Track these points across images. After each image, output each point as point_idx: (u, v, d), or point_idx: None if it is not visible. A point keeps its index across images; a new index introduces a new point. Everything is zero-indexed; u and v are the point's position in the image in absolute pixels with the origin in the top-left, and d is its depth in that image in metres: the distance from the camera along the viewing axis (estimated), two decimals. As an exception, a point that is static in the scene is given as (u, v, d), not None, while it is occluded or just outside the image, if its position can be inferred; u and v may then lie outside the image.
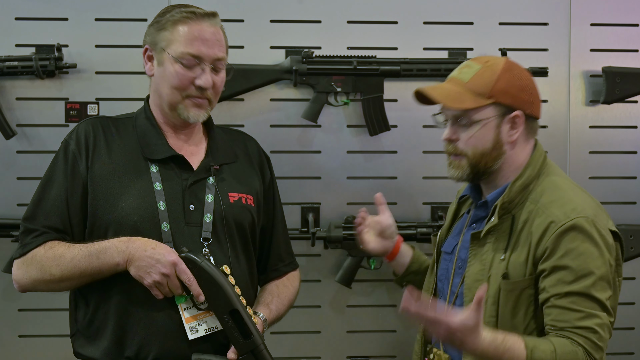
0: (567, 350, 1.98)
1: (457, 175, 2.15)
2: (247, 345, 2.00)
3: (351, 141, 3.06)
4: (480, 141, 2.09)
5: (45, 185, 2.17)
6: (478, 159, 2.10)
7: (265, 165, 2.37)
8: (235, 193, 2.23)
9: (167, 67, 2.14)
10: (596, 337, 1.99)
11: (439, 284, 2.25)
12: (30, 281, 2.13)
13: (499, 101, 2.08)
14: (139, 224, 2.09)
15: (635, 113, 3.14)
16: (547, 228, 2.02)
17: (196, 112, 2.17)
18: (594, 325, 1.99)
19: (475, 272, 2.11)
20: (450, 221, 2.32)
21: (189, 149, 2.24)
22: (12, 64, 2.87)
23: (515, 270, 2.05)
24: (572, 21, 3.09)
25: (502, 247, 2.08)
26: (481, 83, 2.09)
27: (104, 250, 2.05)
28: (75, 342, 2.19)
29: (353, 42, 3.03)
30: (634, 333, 3.15)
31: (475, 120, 2.09)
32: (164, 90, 2.17)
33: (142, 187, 2.13)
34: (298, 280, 2.42)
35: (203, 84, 2.14)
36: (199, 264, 2.01)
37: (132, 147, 2.19)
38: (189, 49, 2.12)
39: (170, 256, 2.02)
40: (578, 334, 1.99)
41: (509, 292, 2.04)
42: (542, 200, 2.07)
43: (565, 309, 1.99)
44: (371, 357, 3.10)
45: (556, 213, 2.03)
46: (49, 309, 2.92)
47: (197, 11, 2.15)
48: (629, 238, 3.03)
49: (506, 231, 2.09)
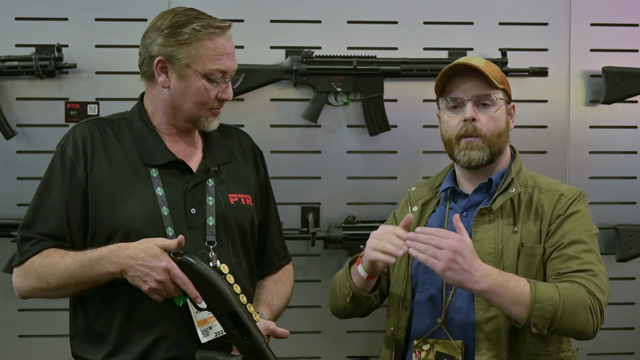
0: (570, 286, 2.06)
1: (479, 157, 2.20)
2: (248, 346, 1.99)
3: (351, 141, 3.06)
4: (499, 122, 2.23)
5: (42, 192, 2.15)
6: (494, 140, 2.22)
7: (258, 160, 2.37)
8: (234, 194, 2.23)
9: (194, 83, 2.13)
10: (597, 279, 2.09)
11: (424, 275, 2.24)
12: (29, 289, 2.12)
13: (505, 89, 2.27)
14: (143, 229, 2.08)
15: (635, 113, 3.14)
16: (559, 200, 2.20)
17: (215, 122, 2.21)
18: (596, 270, 2.10)
19: (485, 246, 2.16)
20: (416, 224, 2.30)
21: (187, 152, 2.23)
22: (12, 64, 2.87)
23: (531, 239, 2.17)
24: (572, 21, 3.09)
25: (510, 222, 2.19)
26: (493, 70, 2.25)
27: (97, 260, 2.02)
28: (75, 345, 2.18)
29: (353, 42, 3.03)
30: (634, 333, 3.15)
31: (496, 99, 2.22)
32: (185, 105, 2.16)
33: (144, 192, 2.12)
34: (292, 274, 2.43)
35: (228, 97, 2.19)
36: (194, 267, 1.98)
37: (130, 151, 2.17)
38: (218, 65, 2.13)
39: (162, 262, 1.97)
40: (579, 276, 2.08)
41: (531, 257, 2.15)
42: (538, 182, 2.25)
43: (567, 257, 2.11)
44: (371, 357, 3.10)
45: (562, 189, 2.23)
46: (49, 309, 2.91)
47: (221, 25, 2.14)
48: (629, 238, 3.03)
49: (510, 208, 2.20)
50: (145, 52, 2.17)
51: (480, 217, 2.20)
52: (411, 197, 2.40)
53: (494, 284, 2.00)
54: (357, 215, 3.03)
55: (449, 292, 2.19)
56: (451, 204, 2.28)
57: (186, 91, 2.14)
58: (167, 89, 2.16)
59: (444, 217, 2.27)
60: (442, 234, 2.02)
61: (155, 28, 2.16)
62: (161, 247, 1.99)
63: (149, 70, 2.17)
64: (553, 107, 3.09)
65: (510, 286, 2.01)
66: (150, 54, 2.15)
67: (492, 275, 2.01)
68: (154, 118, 2.22)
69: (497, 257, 2.14)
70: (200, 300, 1.99)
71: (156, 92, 2.19)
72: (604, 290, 2.09)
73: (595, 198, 3.05)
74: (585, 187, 3.03)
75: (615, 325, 3.10)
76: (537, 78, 3.06)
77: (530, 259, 2.14)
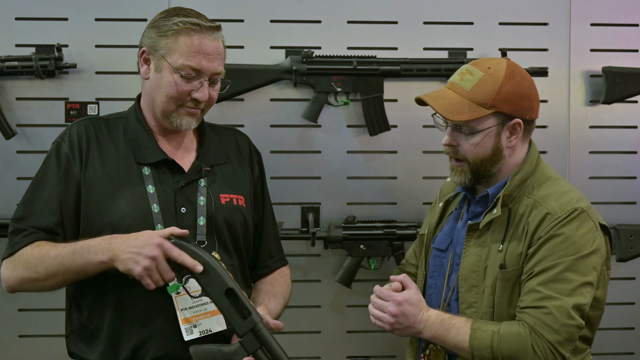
0: (511, 331, 2.03)
1: (460, 181, 2.19)
2: (246, 325, 1.95)
3: (351, 141, 3.06)
4: (481, 149, 2.14)
5: (36, 186, 2.16)
6: (478, 165, 2.15)
7: (254, 161, 2.36)
8: (226, 194, 2.22)
9: (165, 76, 2.13)
10: (549, 318, 2.00)
11: (430, 280, 2.28)
12: (17, 281, 2.10)
13: (500, 110, 2.11)
14: (133, 227, 2.08)
15: (635, 113, 3.14)
16: (544, 219, 2.07)
17: (188, 121, 2.17)
18: (551, 306, 2.01)
19: (471, 263, 2.15)
20: (438, 220, 2.34)
21: (180, 151, 2.23)
22: (12, 64, 2.87)
23: (512, 261, 2.10)
24: (572, 21, 3.09)
25: (499, 239, 2.13)
26: (483, 93, 2.11)
27: (87, 248, 2.02)
28: (70, 343, 2.19)
29: (353, 42, 3.03)
30: (634, 333, 3.15)
31: (476, 130, 2.12)
32: (158, 98, 2.15)
33: (135, 190, 2.13)
34: (289, 277, 2.42)
35: (200, 97, 2.14)
36: (189, 248, 1.96)
37: (124, 149, 2.18)
38: (190, 61, 2.11)
39: (154, 239, 1.96)
40: (529, 314, 2.03)
41: (506, 281, 2.09)
42: (538, 194, 2.13)
43: (528, 289, 2.05)
44: (371, 357, 3.10)
45: (553, 205, 2.09)
46: (48, 309, 2.92)
47: (202, 23, 2.12)
48: (629, 238, 3.03)
49: (503, 224, 2.13)
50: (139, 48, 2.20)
51: (471, 232, 2.17)
52: (442, 191, 2.40)
53: (435, 334, 2.12)
54: (357, 215, 3.03)
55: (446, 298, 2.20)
56: (465, 208, 2.27)
57: (160, 83, 2.14)
58: (147, 80, 2.18)
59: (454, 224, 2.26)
60: (384, 295, 2.16)
61: (149, 23, 2.19)
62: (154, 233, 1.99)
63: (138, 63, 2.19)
64: (553, 107, 3.09)
65: (450, 335, 2.09)
66: (140, 46, 2.19)
67: (433, 326, 2.11)
68: (148, 117, 2.23)
69: (481, 276, 2.13)
70: (200, 268, 1.94)
71: (144, 86, 2.21)
72: (557, 330, 1.99)
73: (595, 198, 3.05)
74: (585, 187, 3.03)
75: (615, 325, 3.10)
76: (537, 78, 3.02)
77: (504, 283, 2.09)
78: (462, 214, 2.26)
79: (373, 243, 3.00)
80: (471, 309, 2.13)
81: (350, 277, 3.02)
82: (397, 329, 2.14)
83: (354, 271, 3.01)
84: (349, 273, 3.01)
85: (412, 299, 2.13)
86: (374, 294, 2.19)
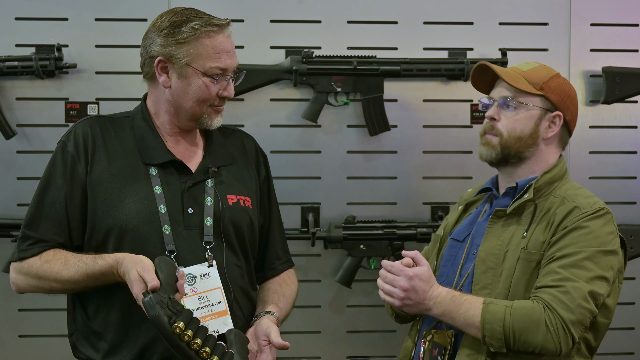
0: (524, 305, 2.04)
1: (486, 153, 2.25)
2: None
3: (351, 141, 3.06)
4: (520, 125, 2.22)
5: (43, 188, 2.16)
6: (512, 142, 2.21)
7: (261, 163, 2.37)
8: (233, 195, 2.23)
9: (194, 81, 2.14)
10: (565, 296, 2.02)
11: (443, 269, 2.29)
12: (29, 287, 2.15)
13: (548, 96, 2.23)
14: (140, 227, 2.09)
15: (635, 113, 3.14)
16: (571, 211, 2.13)
17: (217, 119, 2.22)
18: (569, 286, 2.03)
19: (491, 246, 2.18)
20: (457, 219, 2.37)
21: (187, 152, 2.23)
22: (12, 64, 2.87)
23: (535, 247, 2.13)
24: (572, 21, 3.09)
25: (524, 227, 2.17)
26: (537, 76, 2.25)
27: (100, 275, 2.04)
28: (74, 342, 2.19)
29: (353, 42, 3.03)
30: (634, 333, 3.15)
31: (522, 104, 2.22)
32: (187, 103, 2.16)
33: (142, 190, 2.13)
34: (296, 278, 2.43)
35: (229, 94, 2.19)
36: (149, 314, 1.87)
37: (130, 149, 2.18)
38: (217, 62, 2.14)
39: (134, 289, 1.94)
40: (545, 291, 2.04)
41: (528, 262, 2.12)
42: (566, 194, 2.19)
43: (548, 271, 2.07)
44: (371, 357, 3.10)
45: (581, 201, 2.16)
46: (49, 309, 2.91)
47: (219, 23, 2.15)
48: (629, 238, 3.03)
49: (529, 216, 2.18)
50: (146, 53, 2.17)
51: (496, 218, 2.21)
52: (462, 197, 2.45)
53: (445, 310, 2.11)
54: (357, 215, 3.03)
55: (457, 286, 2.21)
56: (487, 205, 2.30)
57: (187, 90, 2.15)
58: (168, 89, 2.17)
59: (475, 219, 2.30)
60: (396, 270, 2.13)
61: (155, 28, 2.17)
62: (141, 277, 1.94)
63: (150, 71, 2.17)
64: (553, 107, 3.09)
65: (461, 311, 2.09)
66: (150, 54, 2.16)
67: (443, 302, 2.11)
68: (156, 118, 2.22)
69: (500, 259, 2.15)
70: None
71: (158, 92, 2.20)
72: (572, 309, 2.01)
73: (595, 198, 3.05)
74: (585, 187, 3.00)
75: (615, 325, 3.09)
76: (537, 78, 3.06)
77: (526, 264, 2.12)
78: (483, 211, 2.30)
79: (373, 243, 3.00)
80: (485, 290, 2.14)
81: (350, 277, 3.02)
82: (407, 305, 2.13)
83: (354, 271, 3.01)
84: (349, 273, 3.01)
85: (423, 275, 2.12)
86: (384, 269, 2.16)
